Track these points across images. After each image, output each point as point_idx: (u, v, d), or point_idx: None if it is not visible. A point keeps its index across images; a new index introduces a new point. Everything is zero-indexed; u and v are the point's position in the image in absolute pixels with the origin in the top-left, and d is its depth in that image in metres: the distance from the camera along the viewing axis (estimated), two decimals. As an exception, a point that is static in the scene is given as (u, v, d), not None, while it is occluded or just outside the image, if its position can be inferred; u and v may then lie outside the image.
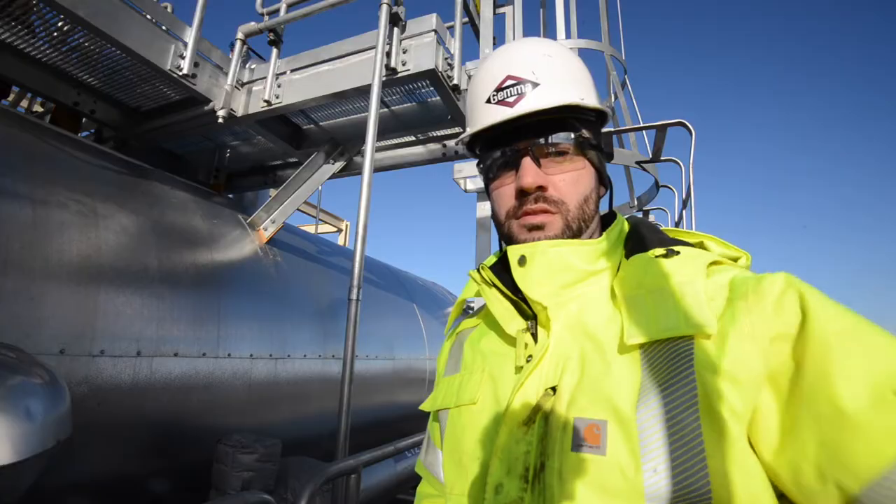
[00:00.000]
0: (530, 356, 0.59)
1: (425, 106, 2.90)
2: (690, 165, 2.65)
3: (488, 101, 0.65)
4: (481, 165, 0.70)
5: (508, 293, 0.65)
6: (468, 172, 3.62)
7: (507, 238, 0.66)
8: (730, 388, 0.45)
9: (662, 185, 3.45)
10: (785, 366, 0.45)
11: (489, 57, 0.70)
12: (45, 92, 2.67)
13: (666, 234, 0.66)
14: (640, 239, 0.64)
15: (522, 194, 0.62)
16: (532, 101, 0.62)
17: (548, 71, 0.63)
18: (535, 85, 0.62)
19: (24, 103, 4.13)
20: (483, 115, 0.66)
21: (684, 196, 2.82)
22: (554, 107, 0.60)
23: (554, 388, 0.54)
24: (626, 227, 0.69)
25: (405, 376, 4.28)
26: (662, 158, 2.86)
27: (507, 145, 0.64)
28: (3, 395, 1.22)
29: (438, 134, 3.26)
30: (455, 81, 2.53)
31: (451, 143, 3.37)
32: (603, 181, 0.69)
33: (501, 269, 0.70)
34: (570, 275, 0.60)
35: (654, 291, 0.54)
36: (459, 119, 2.81)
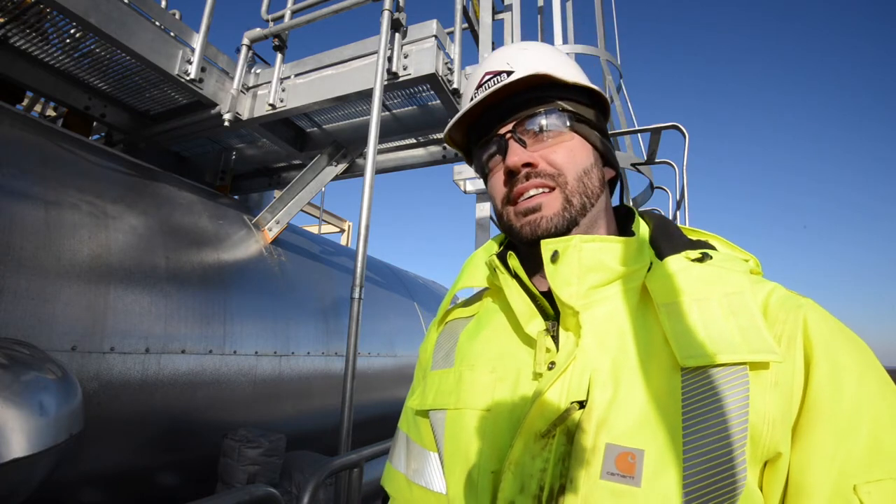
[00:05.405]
0: (553, 363, 0.52)
1: (426, 109, 2.95)
2: (684, 167, 2.71)
3: (471, 99, 0.64)
4: (477, 166, 0.68)
5: (533, 288, 0.59)
6: (468, 174, 3.67)
7: (507, 230, 0.63)
8: (776, 429, 0.44)
9: (657, 187, 3.51)
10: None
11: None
12: (58, 97, 2.75)
13: (686, 234, 0.62)
14: (669, 238, 0.60)
15: (511, 176, 0.60)
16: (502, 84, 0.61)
17: (521, 59, 0.63)
18: (510, 73, 0.61)
19: (38, 108, 4.22)
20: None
21: (678, 197, 2.88)
22: (521, 78, 0.58)
23: (582, 403, 0.49)
24: (649, 223, 0.65)
25: (406, 373, 4.31)
26: (657, 161, 2.92)
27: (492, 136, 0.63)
28: (18, 390, 1.24)
29: (439, 136, 3.30)
30: (455, 85, 2.57)
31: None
32: (609, 162, 0.66)
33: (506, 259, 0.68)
34: (602, 275, 0.55)
35: (699, 301, 0.50)
36: (459, 122, 2.84)
